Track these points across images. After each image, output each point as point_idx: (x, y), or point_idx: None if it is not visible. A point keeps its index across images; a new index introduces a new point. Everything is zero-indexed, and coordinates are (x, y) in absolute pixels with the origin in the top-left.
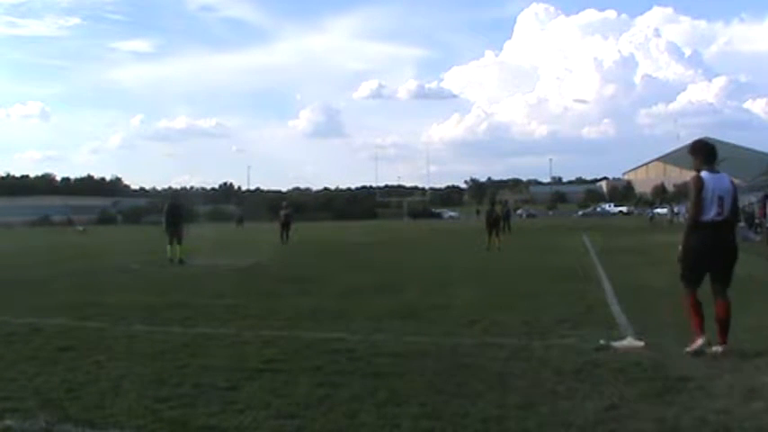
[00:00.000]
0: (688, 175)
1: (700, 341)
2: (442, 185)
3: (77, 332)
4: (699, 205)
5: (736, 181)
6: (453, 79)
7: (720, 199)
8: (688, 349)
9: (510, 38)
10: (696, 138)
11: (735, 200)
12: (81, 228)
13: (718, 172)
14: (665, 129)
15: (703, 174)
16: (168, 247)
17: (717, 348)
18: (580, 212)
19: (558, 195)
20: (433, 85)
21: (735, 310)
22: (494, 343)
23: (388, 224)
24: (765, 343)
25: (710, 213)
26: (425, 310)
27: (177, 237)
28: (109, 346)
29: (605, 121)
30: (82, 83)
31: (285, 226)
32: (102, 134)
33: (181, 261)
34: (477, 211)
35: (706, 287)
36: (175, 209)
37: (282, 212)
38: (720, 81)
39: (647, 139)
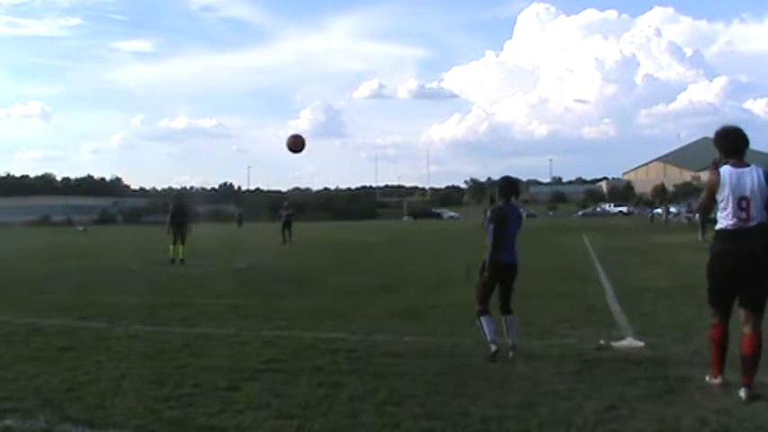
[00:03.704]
0: (688, 176)
1: (715, 380)
2: (442, 185)
3: (77, 332)
4: (708, 206)
5: None
6: (453, 79)
7: (744, 200)
8: (707, 378)
9: (510, 38)
10: (697, 138)
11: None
12: (81, 228)
13: (747, 165)
14: (665, 129)
15: (723, 168)
16: (171, 247)
17: (741, 393)
18: (580, 212)
19: (558, 195)
20: (434, 84)
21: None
22: None
23: (388, 224)
24: (765, 343)
25: (732, 219)
26: (425, 310)
27: (181, 237)
28: (109, 346)
29: (606, 121)
30: (82, 83)
31: (287, 226)
32: (102, 134)
33: (182, 261)
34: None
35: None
36: (181, 209)
37: (284, 212)
38: (721, 81)
39: (647, 139)
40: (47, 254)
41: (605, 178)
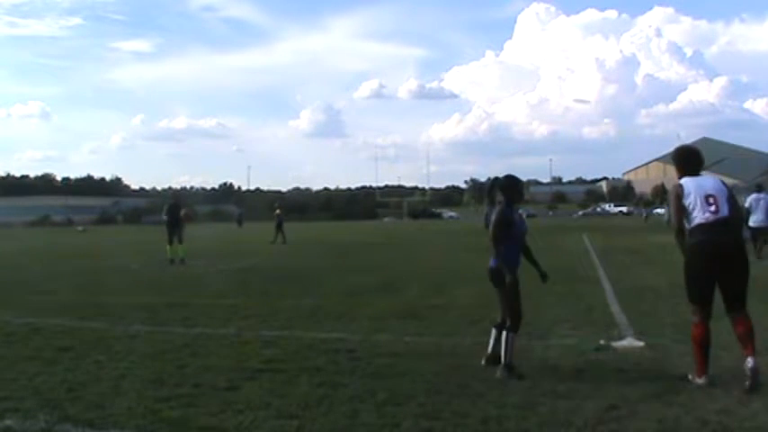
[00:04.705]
0: None
1: (699, 380)
2: (442, 185)
3: (77, 332)
4: (679, 214)
5: (735, 181)
6: (454, 79)
7: (710, 197)
8: (690, 377)
9: (510, 38)
10: (697, 138)
11: (731, 198)
12: (81, 228)
13: (700, 175)
14: (665, 129)
15: (683, 180)
16: (168, 247)
17: (748, 362)
18: (580, 212)
19: (558, 195)
20: (434, 84)
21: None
22: None
23: (387, 225)
24: (764, 343)
25: (704, 214)
26: (425, 310)
27: (178, 237)
28: (109, 346)
29: (606, 121)
30: (82, 83)
31: (278, 226)
32: (102, 134)
33: (182, 261)
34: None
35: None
36: (176, 209)
37: (275, 213)
38: (721, 81)
39: (647, 139)
40: (47, 254)
41: (605, 178)
